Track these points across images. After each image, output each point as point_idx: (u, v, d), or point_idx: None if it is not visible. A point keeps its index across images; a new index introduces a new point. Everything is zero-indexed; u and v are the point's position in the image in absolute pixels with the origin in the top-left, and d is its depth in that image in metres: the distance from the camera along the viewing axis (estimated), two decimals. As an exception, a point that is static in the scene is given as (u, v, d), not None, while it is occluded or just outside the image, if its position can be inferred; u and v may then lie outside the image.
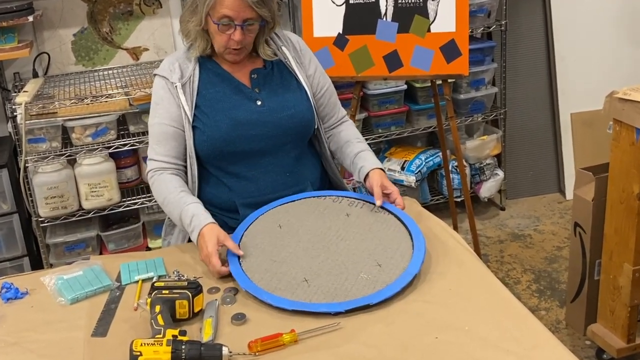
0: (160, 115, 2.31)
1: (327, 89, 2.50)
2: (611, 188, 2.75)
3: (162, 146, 2.31)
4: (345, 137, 2.52)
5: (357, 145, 2.47)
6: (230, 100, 2.31)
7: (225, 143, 2.28)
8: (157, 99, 2.34)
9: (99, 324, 1.84)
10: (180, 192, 2.24)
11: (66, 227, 3.61)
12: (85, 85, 3.51)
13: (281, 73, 2.40)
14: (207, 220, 2.12)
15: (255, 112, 2.30)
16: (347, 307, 1.78)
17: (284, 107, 2.33)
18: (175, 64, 2.33)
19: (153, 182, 2.32)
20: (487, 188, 4.33)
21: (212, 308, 1.83)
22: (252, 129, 2.29)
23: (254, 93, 2.33)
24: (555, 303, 3.47)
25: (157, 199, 2.32)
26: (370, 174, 2.32)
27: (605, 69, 4.46)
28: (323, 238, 2.08)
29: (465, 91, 4.16)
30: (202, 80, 2.33)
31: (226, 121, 2.27)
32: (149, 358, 1.59)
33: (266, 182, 2.33)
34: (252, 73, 2.36)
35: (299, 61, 2.42)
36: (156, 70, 2.38)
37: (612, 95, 2.63)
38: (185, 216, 2.17)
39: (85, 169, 3.45)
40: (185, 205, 2.19)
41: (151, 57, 3.87)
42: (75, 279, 2.03)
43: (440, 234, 2.15)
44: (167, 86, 2.31)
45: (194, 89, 2.30)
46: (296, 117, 2.34)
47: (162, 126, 2.31)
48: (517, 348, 1.62)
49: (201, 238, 2.08)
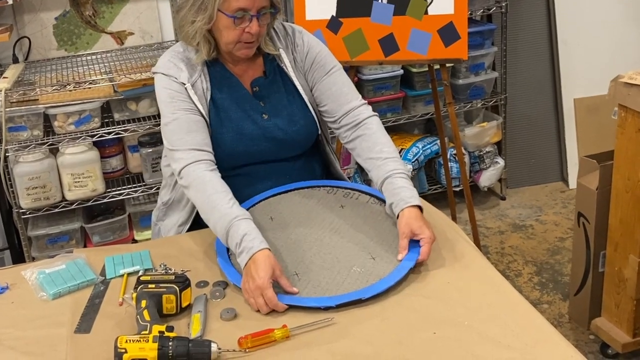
0: (181, 108, 2.18)
1: (325, 80, 2.34)
2: (616, 176, 2.75)
3: (195, 135, 2.16)
4: (365, 150, 2.25)
5: (383, 166, 2.16)
6: (236, 111, 2.26)
7: (228, 157, 2.23)
8: (170, 93, 2.20)
9: (82, 319, 1.83)
10: (230, 201, 2.02)
11: (48, 218, 3.60)
12: (68, 71, 3.49)
13: (283, 81, 2.33)
14: (261, 245, 1.89)
15: (261, 127, 2.26)
16: (338, 301, 1.78)
17: (290, 123, 2.29)
18: (180, 63, 2.22)
19: (192, 181, 2.10)
20: (487, 177, 4.33)
21: (200, 303, 1.83)
22: (256, 144, 2.26)
23: (259, 106, 2.29)
24: (558, 296, 3.47)
25: (196, 201, 2.12)
26: (401, 214, 2.02)
27: (610, 52, 4.45)
28: (316, 230, 2.08)
29: (464, 76, 4.15)
30: (212, 83, 2.25)
31: (231, 134, 2.23)
32: (134, 355, 1.59)
33: (264, 186, 2.31)
34: (253, 85, 2.30)
35: (296, 64, 2.35)
36: (157, 69, 2.26)
37: (617, 80, 2.63)
38: (235, 233, 1.94)
39: (68, 158, 3.44)
40: (236, 220, 1.96)
41: (136, 41, 3.85)
42: (57, 273, 2.02)
43: (438, 225, 2.15)
44: (174, 84, 2.20)
45: (205, 90, 2.22)
46: (302, 133, 2.31)
47: (189, 115, 2.18)
48: (518, 344, 1.62)
49: (253, 264, 1.86)
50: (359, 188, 2.28)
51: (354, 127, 2.28)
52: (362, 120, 2.28)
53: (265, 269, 1.82)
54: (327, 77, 2.34)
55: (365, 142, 2.25)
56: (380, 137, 2.24)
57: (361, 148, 2.26)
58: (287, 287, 1.84)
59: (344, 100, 2.32)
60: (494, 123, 4.30)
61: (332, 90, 2.33)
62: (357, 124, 2.28)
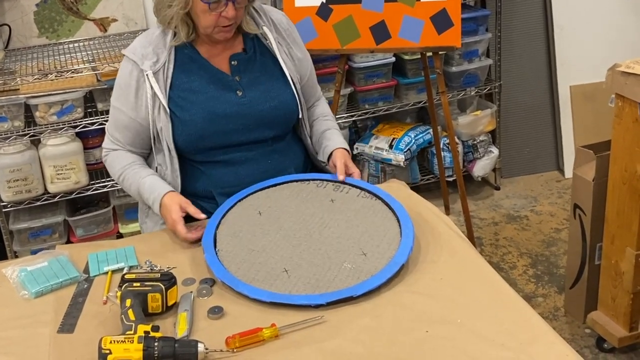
0: (120, 101, 2.31)
1: (311, 72, 2.51)
2: (613, 167, 2.75)
3: (118, 133, 2.34)
4: (313, 115, 2.56)
5: (324, 123, 2.52)
6: (206, 91, 2.28)
7: (202, 139, 2.27)
8: (121, 82, 2.32)
9: (65, 319, 1.82)
10: (135, 165, 2.32)
11: (31, 212, 3.59)
12: (50, 60, 3.48)
13: (263, 57, 2.37)
14: (165, 189, 2.22)
15: (235, 104, 2.28)
16: (329, 299, 1.78)
17: (267, 98, 2.32)
18: (148, 48, 2.28)
19: (106, 160, 2.38)
20: (480, 166, 4.34)
21: (186, 301, 1.82)
22: (230, 122, 2.28)
23: (234, 82, 2.31)
24: (554, 289, 3.48)
25: (114, 177, 2.39)
26: (334, 153, 2.36)
27: (608, 38, 4.45)
28: (305, 225, 2.07)
29: (458, 63, 4.15)
30: (177, 67, 2.29)
31: (202, 115, 2.25)
32: (119, 356, 1.58)
33: (246, 172, 2.32)
34: (232, 59, 2.33)
35: (283, 43, 2.39)
36: (126, 50, 2.32)
37: (614, 69, 2.63)
38: (143, 190, 2.26)
39: (50, 149, 3.43)
40: (141, 178, 2.28)
41: (120, 28, 3.83)
42: (39, 271, 2.01)
43: (430, 219, 2.15)
44: (134, 73, 2.27)
45: (167, 77, 2.27)
46: (280, 109, 2.33)
47: (120, 113, 2.32)
48: (513, 342, 1.62)
49: (163, 208, 2.19)
50: (349, 182, 2.27)
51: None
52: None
53: (173, 207, 2.14)
54: (310, 73, 2.52)
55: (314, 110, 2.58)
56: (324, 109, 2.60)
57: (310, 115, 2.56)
58: (195, 214, 2.13)
59: (314, 90, 2.60)
60: (488, 111, 4.30)
61: (312, 83, 2.55)
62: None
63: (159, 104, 2.25)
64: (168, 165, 2.30)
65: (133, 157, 2.35)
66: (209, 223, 2.11)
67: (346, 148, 2.40)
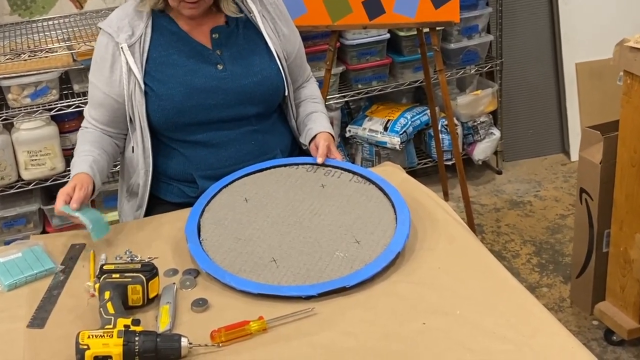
0: (95, 76, 2.34)
1: (299, 50, 2.52)
2: (621, 149, 2.75)
3: (94, 110, 2.37)
4: (301, 96, 2.58)
5: (311, 105, 2.55)
6: (185, 65, 2.29)
7: (180, 114, 2.28)
8: (96, 57, 2.35)
9: (37, 313, 1.82)
10: (85, 144, 2.32)
11: (3, 200, 3.58)
12: (22, 39, 3.48)
13: (247, 31, 2.38)
14: (81, 169, 2.20)
15: (215, 77, 2.29)
16: (320, 290, 1.78)
17: (249, 73, 2.33)
18: (124, 20, 2.30)
19: (79, 135, 2.41)
20: (481, 149, 4.34)
21: (169, 293, 1.82)
22: (210, 97, 2.28)
23: (214, 55, 2.32)
24: (559, 279, 3.49)
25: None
26: (317, 136, 2.39)
27: (615, 12, 4.45)
28: (295, 213, 2.07)
29: (456, 40, 4.15)
30: (154, 40, 2.31)
31: (180, 89, 2.27)
32: (97, 352, 1.57)
33: (228, 153, 2.32)
34: (213, 32, 2.35)
35: (268, 17, 2.40)
36: (102, 23, 2.35)
37: (622, 44, 2.62)
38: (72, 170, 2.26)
39: (24, 134, 3.42)
40: (76, 156, 2.28)
41: (97, 4, 3.82)
42: (13, 262, 2.01)
43: (427, 204, 2.15)
44: (109, 46, 2.29)
45: (144, 50, 2.28)
46: (263, 84, 2.34)
47: (95, 89, 2.35)
48: (514, 335, 1.62)
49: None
50: (340, 165, 2.27)
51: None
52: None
53: (70, 184, 2.12)
54: (298, 51, 2.53)
55: (301, 91, 2.61)
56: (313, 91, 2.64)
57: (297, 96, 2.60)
58: (74, 202, 2.07)
59: (303, 70, 2.61)
60: (488, 91, 4.30)
61: (300, 62, 2.57)
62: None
63: (134, 78, 2.25)
64: (139, 144, 2.31)
65: (94, 137, 2.35)
66: (192, 211, 2.11)
67: (331, 133, 2.42)
